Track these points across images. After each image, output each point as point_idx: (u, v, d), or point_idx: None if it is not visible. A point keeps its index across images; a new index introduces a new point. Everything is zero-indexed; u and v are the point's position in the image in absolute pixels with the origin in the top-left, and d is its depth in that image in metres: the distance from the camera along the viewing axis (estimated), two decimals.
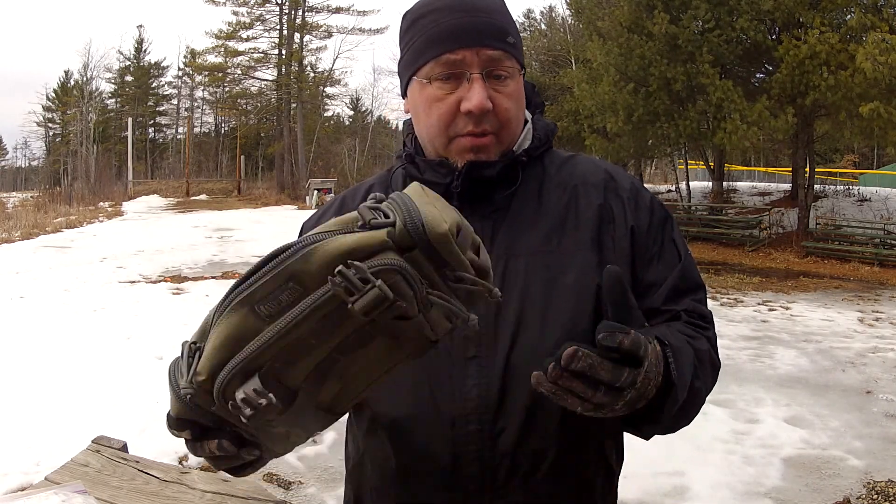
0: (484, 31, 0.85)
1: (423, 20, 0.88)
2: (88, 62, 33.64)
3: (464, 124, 0.86)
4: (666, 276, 0.90)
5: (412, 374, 0.83)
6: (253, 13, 29.04)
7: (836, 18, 11.96)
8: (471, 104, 0.83)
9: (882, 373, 5.07)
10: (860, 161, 28.76)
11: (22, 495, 1.09)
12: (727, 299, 8.26)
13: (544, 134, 0.95)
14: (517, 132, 0.91)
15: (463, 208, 0.88)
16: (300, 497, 3.09)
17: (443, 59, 0.85)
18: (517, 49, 0.89)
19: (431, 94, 0.87)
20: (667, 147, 16.71)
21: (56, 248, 11.85)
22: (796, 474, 3.40)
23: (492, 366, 0.83)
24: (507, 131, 0.88)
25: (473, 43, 0.84)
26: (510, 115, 0.87)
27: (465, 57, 0.84)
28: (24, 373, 4.54)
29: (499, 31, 0.86)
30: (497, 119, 0.86)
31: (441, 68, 0.85)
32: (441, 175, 0.89)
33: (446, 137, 0.88)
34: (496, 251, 0.87)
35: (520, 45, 0.90)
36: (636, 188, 0.94)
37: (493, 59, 0.85)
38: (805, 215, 13.22)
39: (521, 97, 0.91)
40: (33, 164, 46.36)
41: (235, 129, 35.11)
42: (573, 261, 0.87)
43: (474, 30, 0.85)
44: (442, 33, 0.85)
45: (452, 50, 0.84)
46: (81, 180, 26.12)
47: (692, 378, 0.79)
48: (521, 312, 0.84)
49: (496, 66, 0.85)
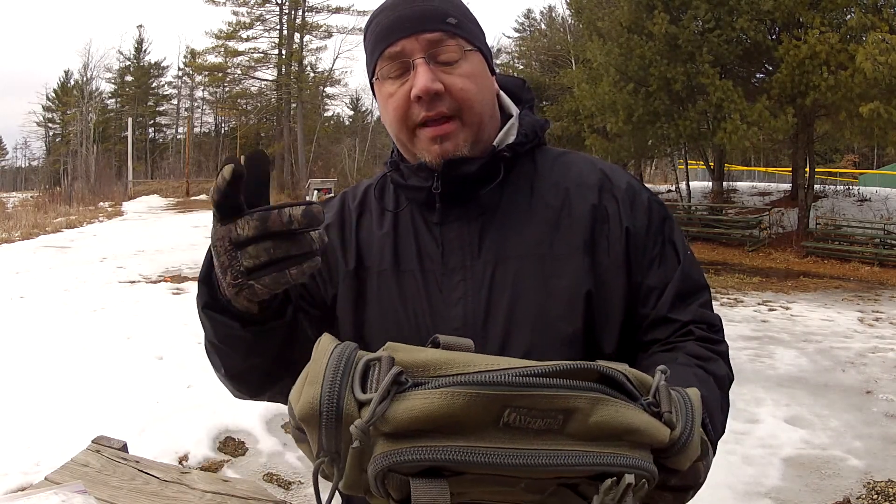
0: (419, 17, 0.84)
1: (371, 24, 0.89)
2: (88, 62, 33.72)
3: (418, 111, 0.84)
4: (667, 281, 0.87)
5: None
6: (253, 13, 29.07)
7: (836, 18, 11.96)
8: (417, 88, 0.82)
9: (882, 373, 5.07)
10: (860, 161, 28.75)
11: (22, 495, 1.09)
12: (727, 299, 8.25)
13: (531, 130, 0.91)
14: (484, 115, 0.87)
15: (448, 211, 0.87)
16: (300, 497, 3.09)
17: (386, 54, 0.85)
18: (463, 29, 0.86)
19: (386, 91, 0.86)
20: (667, 147, 16.71)
21: (56, 248, 11.84)
22: (796, 474, 3.40)
23: None
24: (471, 113, 0.85)
25: (410, 31, 0.84)
26: (468, 94, 0.84)
27: (405, 46, 0.84)
28: (23, 373, 4.53)
29: (435, 14, 0.85)
30: (454, 100, 0.83)
31: (387, 63, 0.85)
32: (422, 179, 0.87)
33: (407, 130, 0.86)
34: (484, 255, 0.86)
35: (468, 25, 0.88)
36: (633, 188, 0.91)
37: (433, 42, 0.83)
38: (805, 215, 13.21)
39: (482, 77, 0.87)
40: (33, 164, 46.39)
41: (235, 129, 35.12)
42: (565, 265, 0.84)
43: (409, 19, 0.84)
44: (382, 31, 0.86)
45: (392, 43, 0.84)
46: (81, 180, 26.10)
47: (720, 418, 0.79)
48: (511, 318, 0.83)
49: (438, 48, 0.84)
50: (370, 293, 0.89)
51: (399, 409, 0.48)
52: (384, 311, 0.87)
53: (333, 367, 0.51)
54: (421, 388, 0.49)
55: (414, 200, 0.91)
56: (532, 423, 0.50)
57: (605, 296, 0.84)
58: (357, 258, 0.91)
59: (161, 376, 4.45)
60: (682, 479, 0.61)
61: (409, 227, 0.90)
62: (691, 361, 0.81)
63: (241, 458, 3.47)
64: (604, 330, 0.84)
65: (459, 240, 0.87)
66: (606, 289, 0.84)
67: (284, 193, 26.34)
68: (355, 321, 0.89)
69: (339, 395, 0.49)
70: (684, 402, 0.58)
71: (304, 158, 28.49)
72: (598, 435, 0.51)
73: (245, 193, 0.61)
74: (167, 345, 5.12)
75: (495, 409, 0.49)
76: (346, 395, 0.49)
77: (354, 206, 0.96)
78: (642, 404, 0.54)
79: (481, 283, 0.85)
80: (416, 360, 0.51)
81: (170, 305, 6.94)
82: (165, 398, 4.04)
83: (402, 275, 0.88)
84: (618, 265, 0.86)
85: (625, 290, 0.86)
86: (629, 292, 0.86)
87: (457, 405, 0.48)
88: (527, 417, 0.49)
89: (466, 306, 0.84)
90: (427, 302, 0.86)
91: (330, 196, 1.05)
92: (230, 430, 3.66)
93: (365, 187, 1.00)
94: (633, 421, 0.52)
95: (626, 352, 0.86)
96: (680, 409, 0.57)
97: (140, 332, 5.73)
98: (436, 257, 0.87)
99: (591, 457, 0.51)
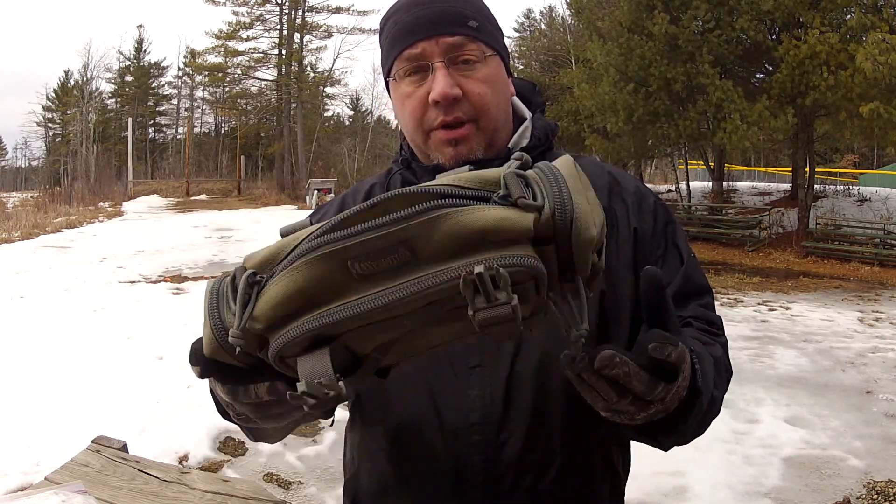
0: (439, 20, 0.83)
1: (388, 23, 0.88)
2: (88, 62, 33.74)
3: (435, 115, 0.84)
4: (669, 281, 0.87)
5: (412, 384, 0.81)
6: (253, 13, 29.07)
7: (836, 18, 11.95)
8: (435, 93, 0.82)
9: (882, 373, 5.07)
10: (860, 161, 28.75)
11: (22, 495, 1.09)
12: (727, 299, 8.25)
13: (543, 133, 0.92)
14: (499, 119, 0.87)
15: None
16: (300, 497, 3.09)
17: (404, 55, 0.85)
18: (483, 32, 0.86)
19: (402, 91, 0.86)
20: (667, 147, 16.71)
21: (56, 248, 11.84)
22: (796, 474, 3.40)
23: (495, 374, 0.81)
24: (487, 118, 0.85)
25: (430, 33, 0.83)
26: (486, 99, 0.84)
27: (425, 49, 0.83)
28: (23, 373, 4.53)
29: (456, 17, 0.84)
30: (471, 105, 0.83)
31: (405, 64, 0.85)
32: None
33: (423, 132, 0.86)
34: None
35: (488, 28, 0.87)
36: (640, 191, 0.92)
37: (453, 46, 0.83)
38: (805, 215, 13.21)
39: (500, 82, 0.87)
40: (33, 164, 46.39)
41: (235, 129, 35.11)
42: None
43: (429, 20, 0.84)
44: (401, 30, 0.85)
45: (411, 44, 0.84)
46: (81, 180, 26.10)
47: (712, 384, 0.77)
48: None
49: (459, 52, 0.83)
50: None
51: (260, 303, 0.50)
52: None
53: (209, 300, 0.54)
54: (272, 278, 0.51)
55: None
56: (380, 264, 0.48)
57: (615, 297, 0.85)
58: None
59: (161, 376, 4.45)
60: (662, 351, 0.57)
61: None
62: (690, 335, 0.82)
63: (241, 458, 3.47)
64: (615, 329, 0.85)
65: None
66: (617, 290, 0.85)
67: (284, 193, 26.35)
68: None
69: (220, 318, 0.52)
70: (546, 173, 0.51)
71: (304, 158, 28.49)
72: (454, 251, 0.47)
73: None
74: (167, 345, 5.12)
75: (337, 266, 0.48)
76: (226, 317, 0.52)
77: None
78: (495, 201, 0.48)
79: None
80: (262, 258, 0.53)
81: (170, 305, 6.94)
82: (165, 398, 4.04)
83: None
84: (626, 266, 0.86)
85: (633, 290, 0.86)
86: (637, 291, 0.86)
87: (300, 278, 0.49)
88: (371, 263, 0.48)
89: None
90: None
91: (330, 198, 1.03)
92: (230, 430, 3.66)
93: (369, 186, 0.98)
94: (476, 223, 0.47)
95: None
96: (543, 183, 0.50)
97: (140, 332, 5.73)
98: None
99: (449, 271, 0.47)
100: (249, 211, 20.20)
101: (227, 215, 18.48)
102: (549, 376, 0.81)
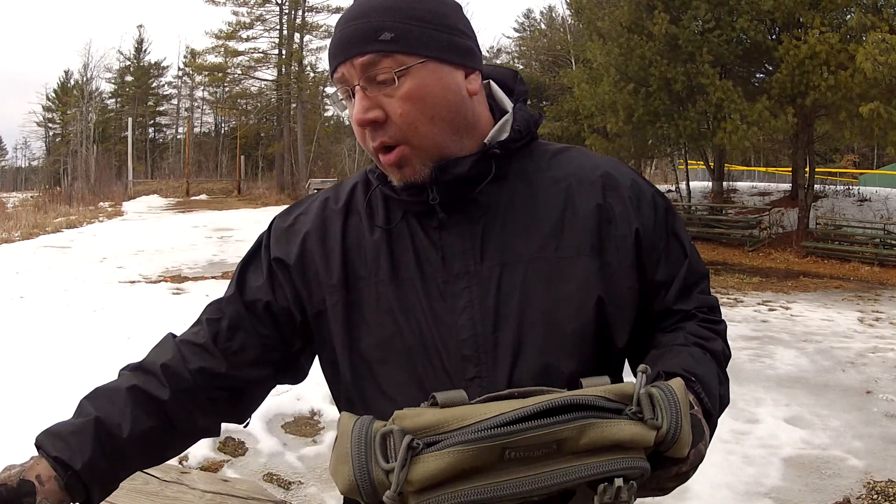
0: (352, 40, 0.79)
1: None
2: (88, 62, 33.76)
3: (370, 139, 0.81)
4: (674, 275, 0.87)
5: (411, 397, 0.79)
6: (253, 13, 29.02)
7: (836, 18, 11.95)
8: (353, 120, 0.79)
9: (882, 373, 5.07)
10: (860, 161, 28.75)
11: None
12: (727, 299, 8.25)
13: (524, 125, 0.86)
14: (438, 133, 0.80)
15: (450, 219, 0.83)
16: (300, 497, 3.09)
17: (334, 78, 0.82)
18: (403, 42, 0.77)
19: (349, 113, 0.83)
20: (667, 147, 16.70)
21: (56, 248, 11.84)
22: (796, 474, 3.40)
23: (493, 386, 0.78)
24: (417, 136, 0.79)
25: (345, 55, 0.79)
26: (409, 118, 0.78)
27: (344, 73, 0.80)
28: (24, 373, 4.53)
29: (367, 33, 0.78)
30: (396, 127, 0.78)
31: (338, 86, 0.82)
32: (415, 193, 0.82)
33: (372, 153, 0.83)
34: (488, 259, 0.82)
35: (414, 33, 0.78)
36: (637, 185, 0.89)
37: (366, 65, 0.78)
38: (805, 215, 13.21)
39: (433, 93, 0.79)
40: (33, 164, 46.46)
41: (235, 129, 35.11)
42: (573, 268, 0.82)
43: (343, 42, 0.80)
44: (329, 54, 0.83)
45: (335, 69, 0.81)
46: (81, 180, 26.10)
47: (719, 390, 0.83)
48: (523, 322, 0.80)
49: (373, 71, 0.78)
50: (366, 305, 0.84)
51: (418, 471, 0.58)
52: (383, 325, 0.82)
53: (356, 445, 0.61)
54: (432, 448, 0.59)
55: (410, 211, 0.86)
56: (531, 453, 0.60)
57: (615, 296, 0.83)
58: (344, 268, 0.85)
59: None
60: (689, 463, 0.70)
61: (405, 230, 0.85)
62: (690, 340, 0.85)
63: (241, 458, 3.47)
64: (616, 328, 0.84)
65: (461, 244, 0.83)
66: (617, 289, 0.84)
67: (284, 193, 26.35)
68: (350, 337, 0.84)
69: (367, 469, 0.60)
70: (668, 398, 0.65)
71: (304, 158, 28.47)
72: (592, 450, 0.61)
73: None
74: None
75: (497, 452, 0.59)
76: (373, 469, 0.59)
77: (339, 209, 0.90)
78: (627, 414, 0.63)
79: (488, 289, 0.81)
80: (420, 424, 0.61)
81: (170, 305, 6.94)
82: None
83: (400, 284, 0.83)
84: (627, 265, 0.85)
85: (635, 290, 0.85)
86: (639, 290, 0.86)
87: (464, 459, 0.59)
88: (525, 452, 0.60)
89: (474, 314, 0.80)
90: (430, 312, 0.81)
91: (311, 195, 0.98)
92: (230, 430, 3.66)
93: (350, 186, 0.93)
94: (616, 435, 0.62)
95: (638, 343, 0.87)
96: (665, 407, 0.65)
97: (140, 332, 5.72)
98: (436, 263, 0.83)
99: (587, 469, 0.61)
100: (249, 211, 20.20)
101: (227, 215, 18.48)
102: (547, 385, 0.81)
